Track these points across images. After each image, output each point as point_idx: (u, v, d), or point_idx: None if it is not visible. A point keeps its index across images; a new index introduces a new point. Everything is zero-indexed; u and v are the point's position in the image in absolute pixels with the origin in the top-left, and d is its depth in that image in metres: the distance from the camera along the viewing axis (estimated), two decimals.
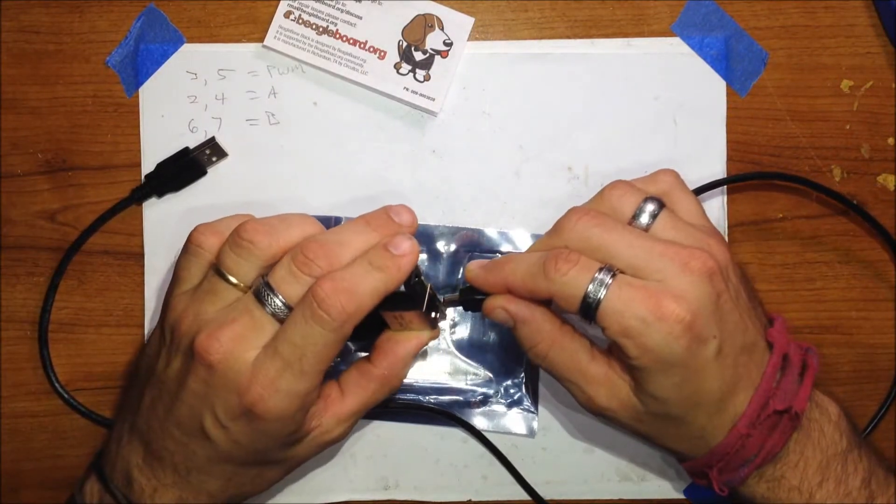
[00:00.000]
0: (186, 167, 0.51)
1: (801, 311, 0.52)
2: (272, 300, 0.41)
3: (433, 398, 0.52)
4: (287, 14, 0.51)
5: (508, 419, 0.52)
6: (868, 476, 0.43)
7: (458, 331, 0.52)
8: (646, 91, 0.52)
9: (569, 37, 0.52)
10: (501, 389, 0.52)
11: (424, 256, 0.52)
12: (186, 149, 0.52)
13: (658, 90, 0.52)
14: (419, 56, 0.51)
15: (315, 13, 0.51)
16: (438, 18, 0.52)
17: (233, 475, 0.44)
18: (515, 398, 0.52)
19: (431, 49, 0.51)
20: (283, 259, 0.42)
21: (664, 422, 0.43)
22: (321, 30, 0.51)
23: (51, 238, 0.52)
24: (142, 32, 0.52)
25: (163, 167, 0.52)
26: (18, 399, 0.53)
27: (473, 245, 0.52)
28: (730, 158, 0.52)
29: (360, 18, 0.51)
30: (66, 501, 0.48)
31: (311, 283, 0.40)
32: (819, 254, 0.52)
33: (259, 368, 0.41)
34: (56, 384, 0.52)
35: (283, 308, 0.41)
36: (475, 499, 0.52)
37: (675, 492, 0.52)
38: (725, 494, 0.45)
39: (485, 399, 0.52)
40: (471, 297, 0.45)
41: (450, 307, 0.47)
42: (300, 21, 0.51)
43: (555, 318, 0.44)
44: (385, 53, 0.51)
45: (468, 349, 0.52)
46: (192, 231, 0.45)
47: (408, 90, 0.51)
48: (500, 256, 0.48)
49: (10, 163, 0.52)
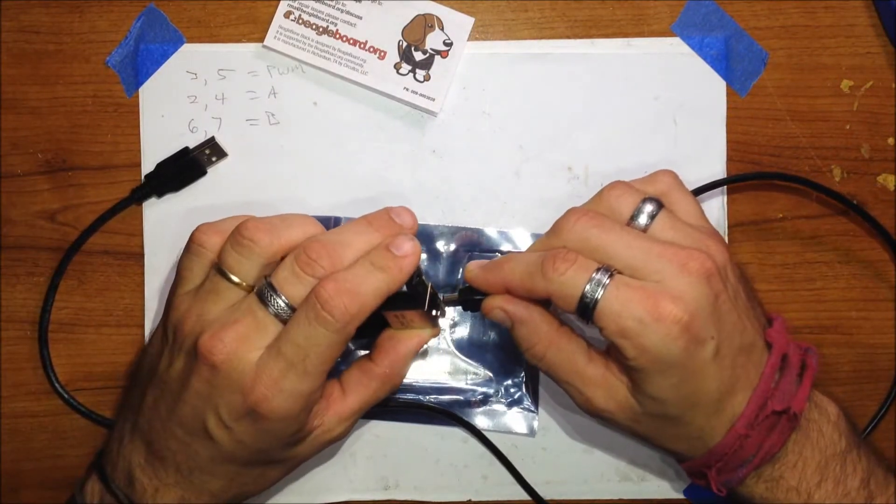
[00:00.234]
0: (186, 167, 0.51)
1: (801, 311, 0.52)
2: (275, 301, 0.41)
3: (433, 398, 0.52)
4: (287, 14, 0.51)
5: (509, 418, 0.52)
6: (867, 476, 0.43)
7: (459, 330, 0.52)
8: (646, 91, 0.52)
9: (569, 37, 0.52)
10: (502, 389, 0.52)
11: (424, 256, 0.52)
12: (186, 149, 0.52)
13: (658, 90, 0.52)
14: (419, 56, 0.51)
15: (315, 13, 0.51)
16: (438, 18, 0.52)
17: (235, 475, 0.45)
18: (516, 397, 0.52)
19: (431, 49, 0.51)
20: (286, 260, 0.42)
21: (662, 422, 0.43)
22: (321, 30, 0.51)
23: (51, 238, 0.52)
24: (142, 32, 0.52)
25: (163, 167, 0.52)
26: (18, 399, 0.53)
27: (473, 245, 0.52)
28: (730, 158, 0.52)
29: (360, 18, 0.51)
30: (67, 501, 0.48)
31: (314, 284, 0.41)
32: (819, 254, 0.52)
33: (263, 369, 0.41)
34: (56, 384, 0.52)
35: (286, 308, 0.41)
36: (475, 499, 0.52)
37: (675, 492, 0.52)
38: (724, 495, 0.45)
39: (485, 398, 0.52)
40: (470, 297, 0.45)
41: (449, 307, 0.47)
42: (300, 21, 0.51)
43: (553, 319, 0.44)
44: (385, 53, 0.51)
45: (468, 349, 0.52)
46: (195, 230, 0.45)
47: (408, 90, 0.51)
48: (500, 256, 0.48)
49: (10, 163, 0.52)
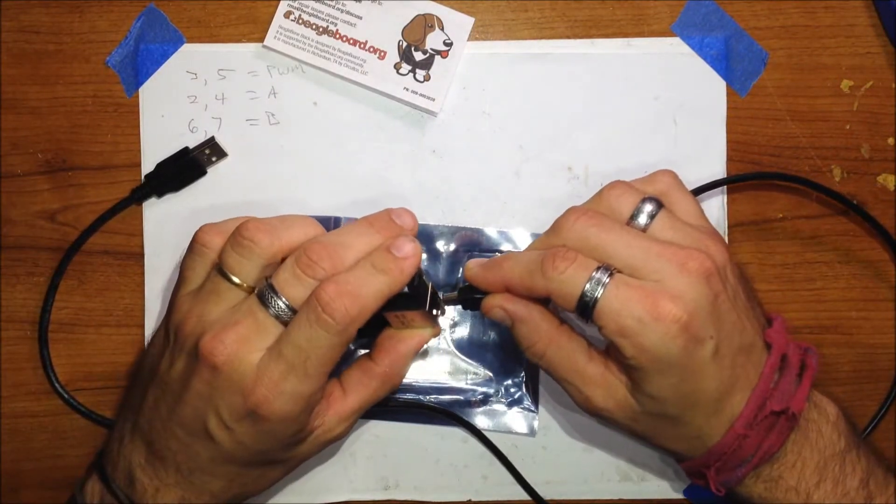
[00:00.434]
0: (186, 167, 0.51)
1: (801, 311, 0.52)
2: (275, 302, 0.41)
3: (433, 398, 0.52)
4: (287, 14, 0.51)
5: (509, 418, 0.52)
6: (866, 476, 0.43)
7: (459, 330, 0.52)
8: (646, 91, 0.52)
9: (569, 37, 0.52)
10: (502, 389, 0.52)
11: (424, 256, 0.52)
12: (186, 149, 0.52)
13: (658, 90, 0.52)
14: (419, 56, 0.51)
15: (315, 13, 0.51)
16: (438, 18, 0.52)
17: (236, 475, 0.45)
18: (516, 397, 0.52)
19: (431, 49, 0.51)
20: (287, 261, 0.42)
21: (661, 422, 0.43)
22: (321, 30, 0.51)
23: (51, 238, 0.52)
24: (142, 32, 0.52)
25: (163, 167, 0.52)
26: (18, 399, 0.53)
27: (473, 245, 0.52)
28: (730, 158, 0.52)
29: (360, 18, 0.51)
30: (67, 501, 0.48)
31: (315, 286, 0.41)
32: (819, 254, 0.52)
33: (263, 370, 0.41)
34: (56, 384, 0.52)
35: (287, 310, 0.41)
36: (475, 499, 0.52)
37: (675, 492, 0.52)
38: (722, 494, 0.45)
39: (485, 398, 0.52)
40: (470, 296, 0.45)
41: (449, 306, 0.47)
42: (300, 21, 0.51)
43: (553, 318, 0.44)
44: (385, 53, 0.51)
45: (468, 348, 0.52)
46: (198, 231, 0.45)
47: (408, 90, 0.51)
48: (499, 255, 0.48)
49: (10, 163, 0.52)
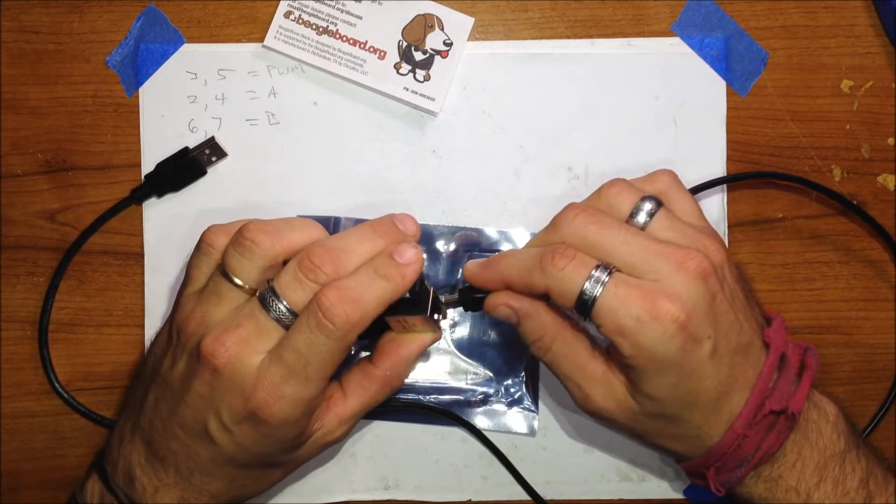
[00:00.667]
0: (186, 167, 0.51)
1: (801, 311, 0.52)
2: (277, 306, 0.41)
3: (433, 398, 0.52)
4: (287, 14, 0.51)
5: (509, 418, 0.52)
6: (866, 476, 0.43)
7: (459, 330, 0.52)
8: (646, 91, 0.52)
9: (569, 37, 0.52)
10: (502, 388, 0.52)
11: (425, 257, 0.52)
12: (186, 149, 0.52)
13: (658, 90, 0.52)
14: (419, 56, 0.51)
15: (315, 13, 0.51)
16: (438, 18, 0.52)
17: (235, 477, 0.45)
18: (516, 397, 0.52)
19: (431, 49, 0.51)
20: (289, 264, 0.42)
21: (660, 422, 0.43)
22: (321, 30, 0.51)
23: (51, 238, 0.52)
24: (142, 32, 0.52)
25: (163, 167, 0.52)
26: (18, 399, 0.53)
27: (473, 245, 0.52)
28: (730, 158, 0.52)
29: (360, 18, 0.51)
30: (67, 501, 0.48)
31: (316, 290, 0.40)
32: (819, 254, 0.52)
33: (264, 374, 0.41)
34: (56, 384, 0.52)
35: (288, 314, 0.41)
36: (475, 499, 0.52)
37: (675, 492, 0.52)
38: (722, 495, 0.45)
39: (485, 398, 0.52)
40: (470, 297, 0.45)
41: (450, 308, 0.47)
42: (300, 21, 0.51)
43: (557, 312, 0.44)
44: (385, 53, 0.51)
45: (468, 348, 0.52)
46: (205, 231, 0.45)
47: (408, 90, 0.51)
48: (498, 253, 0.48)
49: (10, 163, 0.52)
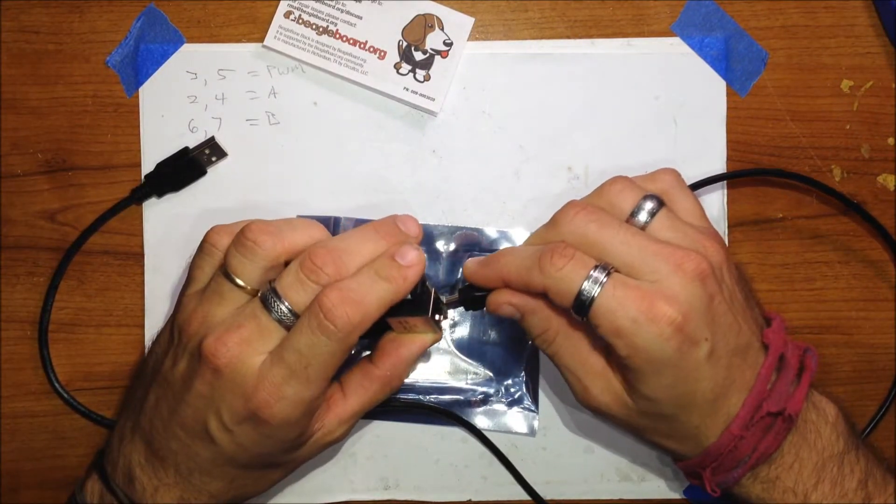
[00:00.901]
0: (186, 167, 0.51)
1: (801, 311, 0.52)
2: (278, 306, 0.41)
3: (434, 398, 0.52)
4: (287, 14, 0.51)
5: (509, 418, 0.52)
6: (865, 477, 0.43)
7: (459, 330, 0.52)
8: (646, 91, 0.52)
9: (569, 37, 0.52)
10: (502, 388, 0.52)
11: (425, 257, 0.52)
12: (186, 149, 0.52)
13: (658, 90, 0.52)
14: (419, 56, 0.51)
15: (315, 13, 0.51)
16: (438, 18, 0.52)
17: (235, 477, 0.45)
18: (516, 397, 0.52)
19: (431, 49, 0.51)
20: (291, 265, 0.42)
21: (656, 421, 0.43)
22: (321, 30, 0.51)
23: (51, 238, 0.52)
24: (142, 32, 0.52)
25: (162, 167, 0.52)
26: (18, 399, 0.53)
27: (473, 244, 0.52)
28: (730, 158, 0.52)
29: (360, 18, 0.51)
30: (67, 501, 0.48)
31: (318, 291, 0.40)
32: (819, 254, 0.52)
33: (265, 374, 0.41)
34: (56, 384, 0.52)
35: (290, 315, 0.41)
36: (475, 499, 0.52)
37: (675, 492, 0.52)
38: (718, 495, 0.44)
39: (485, 398, 0.52)
40: (470, 296, 0.45)
41: (451, 308, 0.47)
42: (300, 21, 0.51)
43: (558, 307, 0.44)
44: (385, 53, 0.51)
45: (468, 348, 0.52)
46: (209, 231, 0.45)
47: (408, 90, 0.51)
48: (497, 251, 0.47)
49: (10, 163, 0.52)
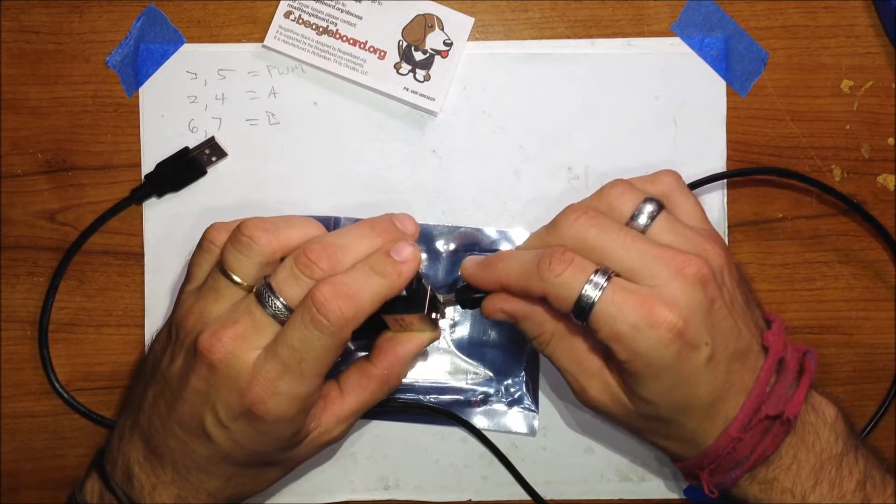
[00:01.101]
0: (186, 167, 0.51)
1: (801, 311, 0.52)
2: (272, 302, 0.41)
3: (433, 398, 0.52)
4: (287, 14, 0.51)
5: (509, 418, 0.52)
6: (863, 479, 0.43)
7: (458, 330, 0.52)
8: (646, 91, 0.52)
9: (569, 37, 0.52)
10: (502, 388, 0.52)
11: (424, 256, 0.52)
12: (186, 149, 0.52)
13: (658, 90, 0.52)
14: (419, 56, 0.51)
15: (315, 13, 0.51)
16: (438, 18, 0.52)
17: (233, 475, 0.45)
18: (516, 397, 0.52)
19: (431, 49, 0.51)
20: (286, 261, 0.42)
21: (654, 423, 0.43)
22: (321, 30, 0.51)
23: (51, 238, 0.52)
24: (142, 32, 0.52)
25: (162, 167, 0.52)
26: (18, 399, 0.53)
27: (473, 244, 0.52)
28: (730, 158, 0.52)
29: (360, 18, 0.51)
30: (67, 500, 0.48)
31: (312, 286, 0.41)
32: (819, 254, 0.52)
33: (259, 370, 0.41)
34: (56, 384, 0.52)
35: (284, 310, 0.41)
36: (475, 499, 0.52)
37: (675, 492, 0.52)
38: (716, 496, 0.44)
39: (485, 398, 0.52)
40: (467, 297, 0.45)
41: (449, 307, 0.47)
42: (300, 21, 0.51)
43: (558, 312, 0.44)
44: (385, 53, 0.51)
45: (468, 348, 0.52)
46: (208, 228, 0.45)
47: (408, 90, 0.51)
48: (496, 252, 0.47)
49: (10, 163, 0.52)
